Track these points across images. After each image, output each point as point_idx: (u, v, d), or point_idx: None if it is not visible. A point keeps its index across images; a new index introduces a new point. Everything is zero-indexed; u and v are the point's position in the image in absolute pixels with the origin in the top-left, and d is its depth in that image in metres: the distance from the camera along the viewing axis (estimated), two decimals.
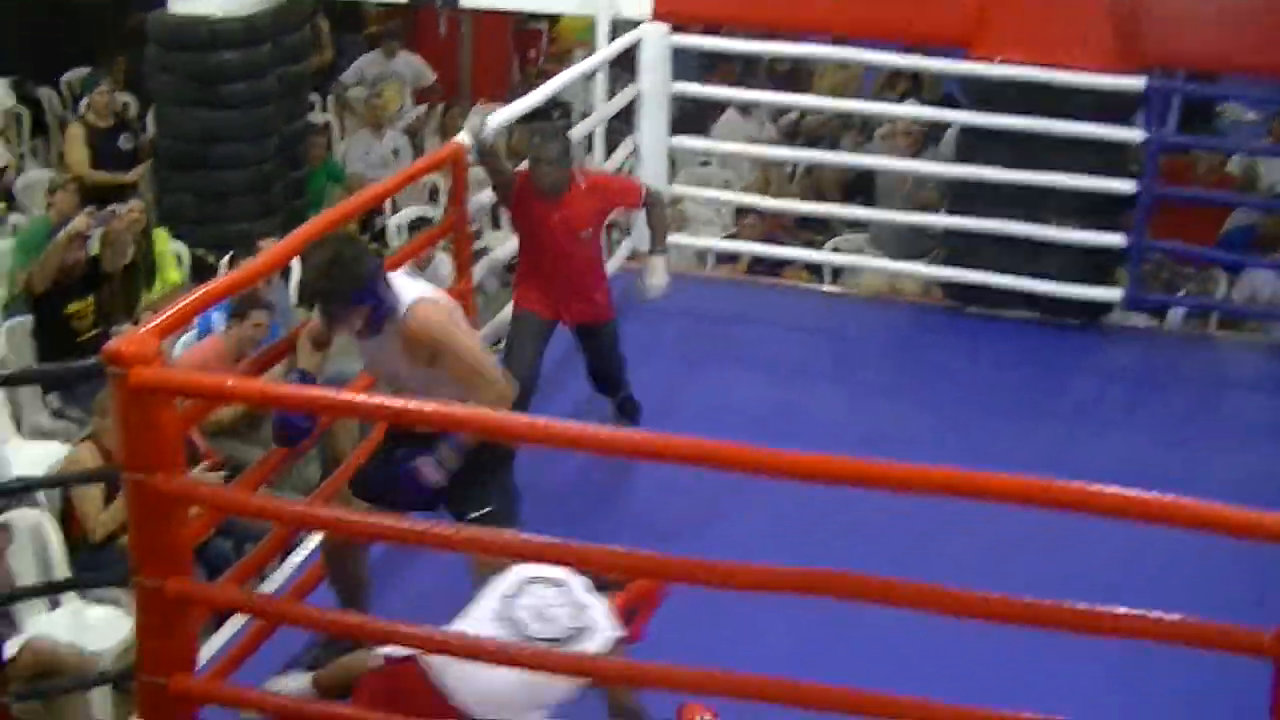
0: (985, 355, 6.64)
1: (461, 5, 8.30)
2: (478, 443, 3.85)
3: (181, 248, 7.70)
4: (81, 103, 8.87)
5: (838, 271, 7.85)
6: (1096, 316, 6.93)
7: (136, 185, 8.29)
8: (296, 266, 6.63)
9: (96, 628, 4.86)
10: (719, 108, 9.31)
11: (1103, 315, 6.94)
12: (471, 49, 11.33)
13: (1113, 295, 6.85)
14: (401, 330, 3.81)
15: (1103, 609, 2.85)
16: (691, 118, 8.71)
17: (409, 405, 3.48)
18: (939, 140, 8.36)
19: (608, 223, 5.53)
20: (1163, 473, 2.90)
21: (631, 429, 5.12)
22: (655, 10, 7.09)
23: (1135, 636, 2.91)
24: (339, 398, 3.69)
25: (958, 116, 7.22)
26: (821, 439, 3.05)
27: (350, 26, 11.13)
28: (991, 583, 2.93)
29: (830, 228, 8.36)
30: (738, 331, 6.82)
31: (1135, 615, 2.84)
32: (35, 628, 4.72)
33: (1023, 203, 6.71)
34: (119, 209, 6.99)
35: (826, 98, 9.28)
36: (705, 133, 8.72)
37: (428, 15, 11.07)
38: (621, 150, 7.32)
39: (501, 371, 4.04)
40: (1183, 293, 7.47)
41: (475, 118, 5.24)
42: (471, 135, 5.14)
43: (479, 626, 3.41)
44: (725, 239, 8.01)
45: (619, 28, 7.29)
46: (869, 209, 8.00)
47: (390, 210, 8.28)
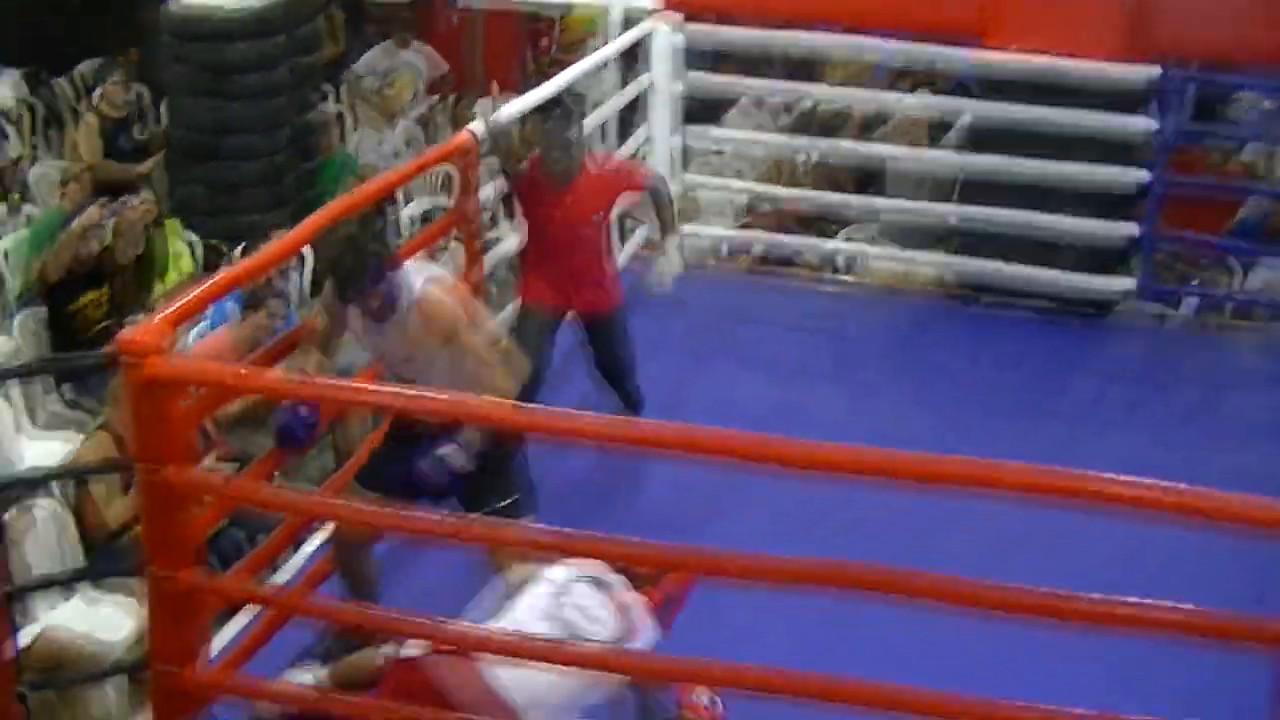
0: (994, 351, 6.61)
1: (473, 5, 8.30)
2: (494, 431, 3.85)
3: (194, 239, 7.70)
4: (94, 94, 8.88)
5: (849, 263, 7.84)
6: (1108, 308, 6.91)
7: (148, 177, 8.30)
8: (309, 257, 6.67)
9: (109, 618, 4.86)
10: (731, 98, 9.27)
11: (1114, 307, 6.92)
12: (483, 39, 11.31)
13: (1125, 286, 6.83)
14: (417, 309, 3.83)
15: (1116, 600, 2.84)
16: (704, 108, 8.69)
17: (423, 395, 3.49)
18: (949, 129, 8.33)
19: (619, 214, 5.53)
20: (1167, 469, 2.88)
21: (643, 420, 5.12)
22: (667, 1, 7.09)
23: (1145, 629, 2.91)
24: (351, 389, 3.71)
25: (970, 105, 7.20)
26: (828, 435, 3.04)
27: (362, 18, 11.12)
28: (992, 580, 2.93)
29: (842, 218, 8.34)
30: (747, 326, 6.81)
31: (1147, 607, 2.84)
32: (49, 618, 4.74)
33: (1033, 194, 6.69)
34: (131, 200, 7.00)
35: (838, 89, 9.23)
36: (717, 123, 8.70)
37: (438, 5, 11.05)
38: (633, 141, 7.32)
39: (506, 357, 4.05)
40: (1197, 282, 7.44)
41: (487, 105, 5.26)
42: (484, 123, 5.15)
43: (528, 625, 3.39)
44: (737, 229, 8.00)
45: (631, 18, 7.29)
46: (880, 200, 7.98)
47: (403, 202, 8.29)
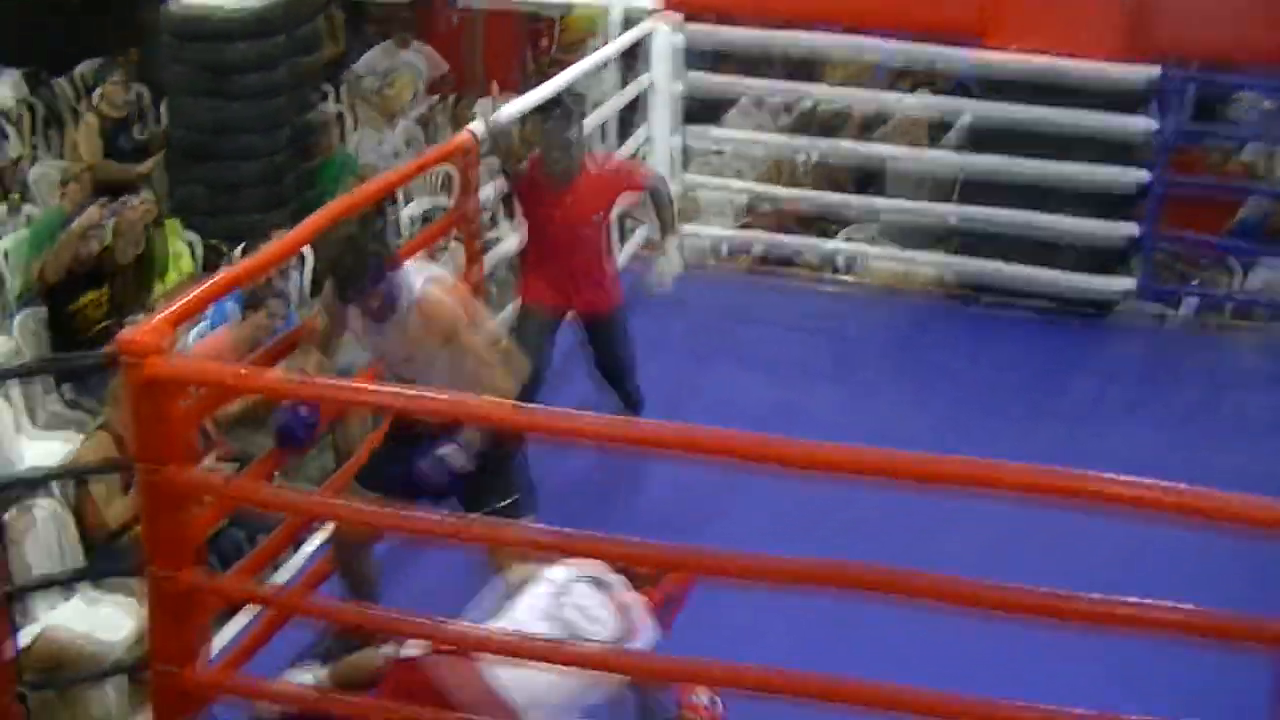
0: (994, 351, 6.60)
1: (473, 5, 8.30)
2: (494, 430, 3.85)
3: (194, 239, 7.70)
4: (94, 94, 8.87)
5: (850, 262, 7.84)
6: (1108, 308, 6.91)
7: (148, 177, 8.30)
8: (309, 257, 6.67)
9: (110, 618, 4.86)
10: (729, 99, 9.27)
11: (1114, 307, 6.92)
12: (483, 39, 11.31)
13: (1125, 286, 6.83)
14: (417, 309, 3.83)
15: (1116, 600, 2.84)
16: (703, 108, 8.69)
17: (424, 395, 3.48)
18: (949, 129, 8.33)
19: (619, 214, 5.53)
20: (1167, 469, 2.88)
21: (642, 420, 5.12)
22: (667, 0, 7.09)
23: (1145, 629, 2.91)
24: (351, 389, 3.70)
25: (970, 105, 7.20)
26: (828, 435, 3.04)
27: (363, 18, 11.11)
28: (992, 580, 2.93)
29: (842, 218, 8.33)
30: (747, 326, 6.81)
31: (1147, 607, 2.84)
32: (49, 618, 4.74)
33: (1033, 194, 6.69)
34: (131, 200, 7.00)
35: (838, 88, 9.23)
36: (717, 123, 8.70)
37: (438, 5, 11.05)
38: (633, 141, 7.31)
39: (506, 356, 4.05)
40: (1197, 282, 7.44)
41: (487, 105, 5.26)
42: (484, 123, 5.15)
43: (528, 625, 3.39)
44: (737, 230, 8.00)
45: (631, 18, 7.29)
46: (880, 200, 7.98)
47: (403, 202, 8.28)
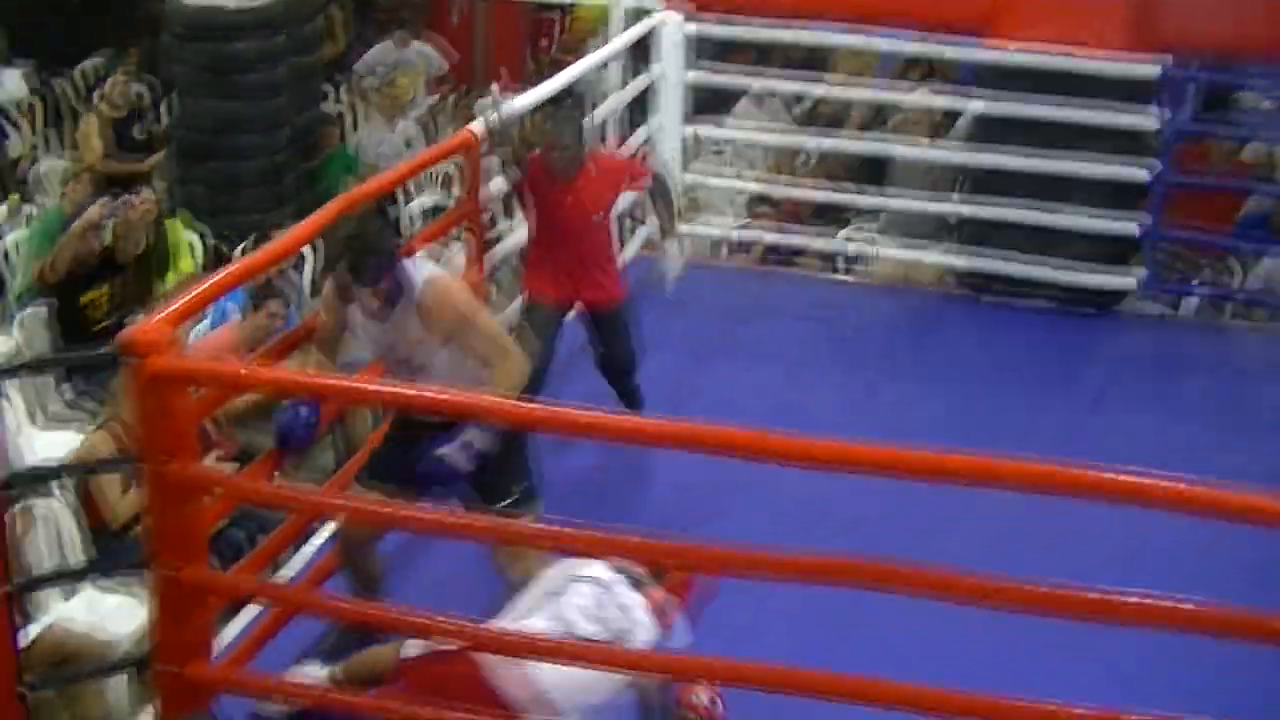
0: (1000, 345, 6.61)
1: None
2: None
3: (195, 237, 7.70)
4: (96, 92, 8.88)
5: (852, 259, 7.84)
6: (1112, 304, 6.91)
7: (150, 174, 8.30)
8: (310, 256, 6.68)
9: (114, 615, 4.86)
10: (735, 94, 9.26)
11: (1118, 303, 6.92)
12: (485, 36, 11.31)
13: (1128, 282, 6.82)
14: (420, 305, 3.82)
15: (1121, 594, 2.85)
16: (707, 104, 8.68)
17: (426, 392, 3.48)
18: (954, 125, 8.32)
19: (623, 211, 5.54)
20: (1172, 463, 2.87)
21: (646, 416, 5.12)
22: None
23: (1150, 623, 2.91)
24: (354, 386, 3.70)
25: (975, 103, 7.20)
26: (834, 430, 3.04)
27: (370, 14, 11.12)
28: (997, 575, 2.93)
29: (845, 215, 8.32)
30: (753, 320, 6.80)
31: (1152, 601, 2.83)
32: (53, 614, 4.74)
33: (1038, 188, 6.69)
34: (131, 200, 7.00)
35: (843, 83, 9.22)
36: (721, 119, 8.69)
37: (441, 2, 11.06)
38: (636, 137, 7.31)
39: (516, 343, 4.05)
40: (1198, 281, 7.44)
41: (486, 104, 5.26)
42: (485, 120, 5.15)
43: (530, 624, 3.40)
44: (739, 227, 8.00)
45: (638, 12, 7.29)
46: (884, 196, 7.97)
47: (405, 199, 8.28)
